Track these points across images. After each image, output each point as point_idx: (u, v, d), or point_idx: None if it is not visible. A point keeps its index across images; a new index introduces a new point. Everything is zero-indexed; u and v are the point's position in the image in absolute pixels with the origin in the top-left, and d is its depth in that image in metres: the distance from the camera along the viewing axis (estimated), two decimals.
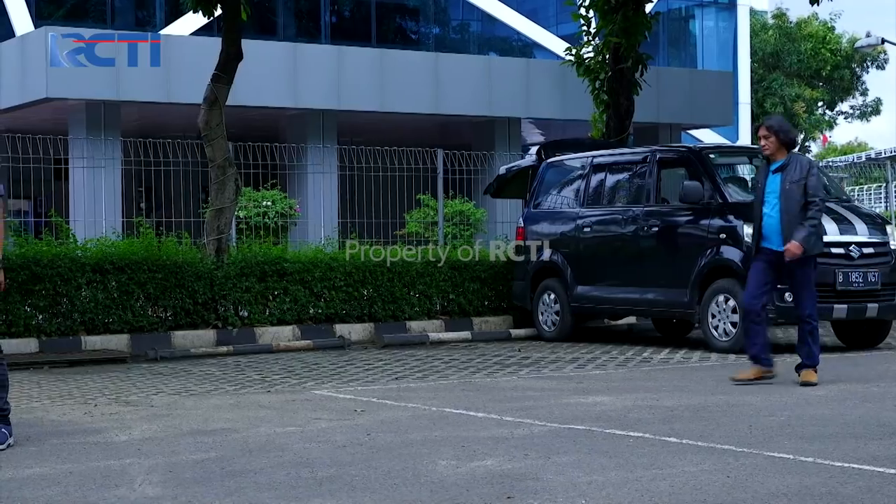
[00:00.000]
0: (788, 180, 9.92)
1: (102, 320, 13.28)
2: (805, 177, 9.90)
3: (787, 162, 10.00)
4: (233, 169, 14.65)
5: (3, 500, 5.85)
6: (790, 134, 10.10)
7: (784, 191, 9.92)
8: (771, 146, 10.03)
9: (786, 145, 10.04)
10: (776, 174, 10.04)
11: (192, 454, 7.06)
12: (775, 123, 10.10)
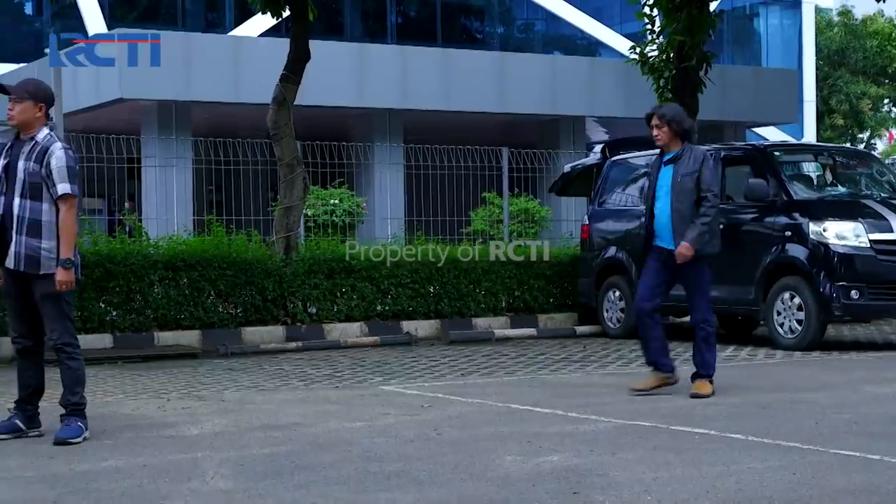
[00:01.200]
0: (680, 173, 9.11)
1: (174, 317, 13.40)
2: (698, 169, 9.07)
3: (680, 153, 9.18)
4: (301, 168, 14.73)
5: (80, 491, 5.92)
6: (684, 124, 9.22)
7: (675, 184, 9.11)
8: (664, 136, 9.20)
9: (679, 135, 9.19)
10: (668, 166, 9.25)
11: (263, 448, 7.11)
12: (668, 112, 9.27)
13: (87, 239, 13.39)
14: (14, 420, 7.63)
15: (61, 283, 7.37)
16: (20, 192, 7.43)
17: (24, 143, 7.53)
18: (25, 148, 7.50)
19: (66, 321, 7.54)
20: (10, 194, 7.47)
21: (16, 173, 7.46)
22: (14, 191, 7.45)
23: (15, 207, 7.43)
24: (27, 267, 7.41)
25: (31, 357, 7.70)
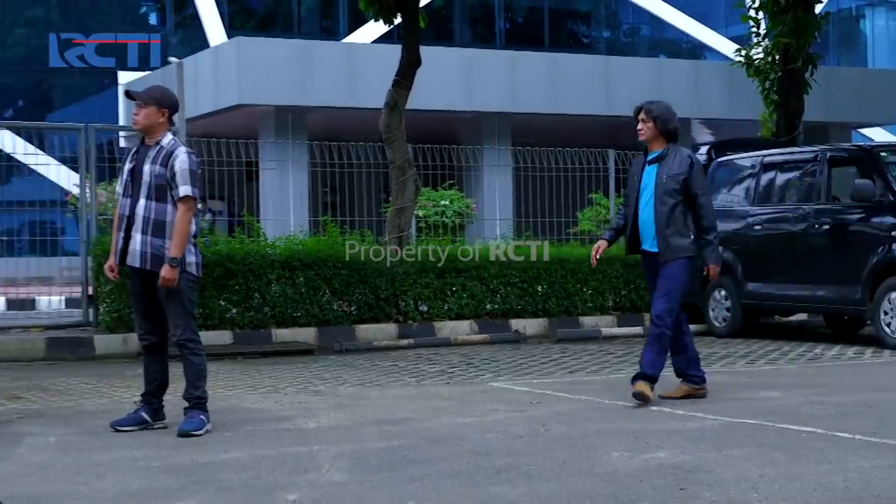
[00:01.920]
0: (665, 173, 8.62)
1: (291, 314, 13.54)
2: (685, 172, 8.57)
3: (664, 153, 8.72)
4: (412, 170, 14.79)
5: (203, 482, 6.02)
6: (669, 124, 8.75)
7: (659, 185, 8.62)
8: (647, 132, 8.74)
9: (664, 135, 8.74)
10: (652, 166, 8.75)
11: (377, 442, 7.15)
12: (656, 108, 8.78)
13: (208, 239, 13.59)
14: (140, 413, 7.78)
15: (164, 279, 7.47)
16: (146, 193, 7.58)
17: (150, 147, 7.68)
18: (151, 152, 7.65)
19: (188, 318, 7.67)
20: (136, 196, 7.62)
21: (141, 176, 7.61)
22: (140, 193, 7.60)
23: (140, 208, 7.58)
24: (152, 265, 7.55)
25: (156, 352, 7.84)
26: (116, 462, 6.58)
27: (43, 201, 18.29)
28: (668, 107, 8.87)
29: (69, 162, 16.44)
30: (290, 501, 5.55)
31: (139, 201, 7.60)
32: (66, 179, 22.44)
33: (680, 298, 8.69)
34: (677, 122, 8.88)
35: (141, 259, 7.57)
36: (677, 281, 8.60)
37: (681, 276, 8.61)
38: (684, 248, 8.61)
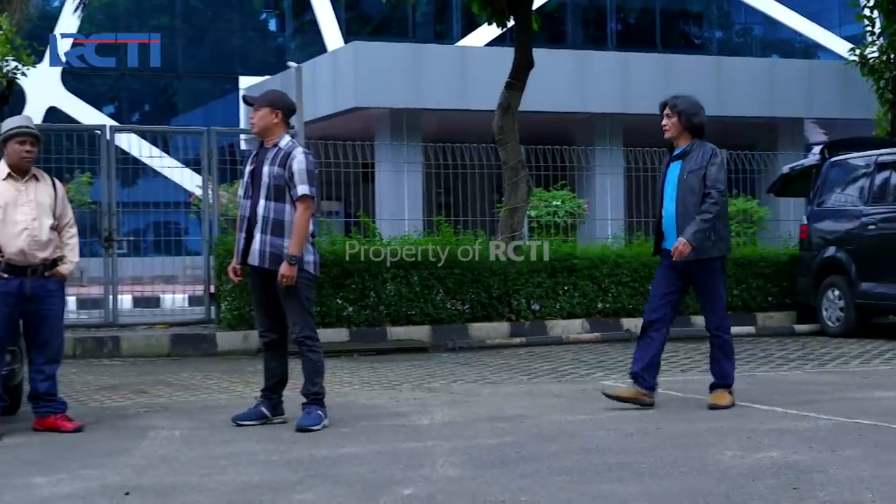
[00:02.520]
0: (687, 169, 8.24)
1: (406, 312, 13.61)
2: (706, 165, 8.20)
3: (689, 149, 8.33)
4: (525, 171, 14.77)
5: (320, 476, 6.07)
6: (695, 119, 8.33)
7: (681, 182, 8.25)
8: (672, 128, 8.38)
9: (690, 130, 8.34)
10: (676, 162, 8.39)
11: (489, 439, 7.16)
12: (681, 103, 8.38)
13: (326, 239, 13.72)
14: (260, 408, 7.88)
15: (283, 276, 7.55)
16: (265, 194, 7.68)
17: (269, 149, 7.78)
18: (269, 154, 7.75)
19: (307, 316, 7.75)
20: (256, 197, 7.72)
21: (261, 177, 7.71)
22: (259, 194, 7.70)
23: (260, 209, 7.68)
24: (271, 264, 7.65)
25: (275, 349, 7.93)
26: (237, 455, 6.68)
27: (167, 202, 18.64)
28: (695, 101, 8.46)
29: (192, 164, 16.72)
30: (406, 496, 5.57)
31: (259, 202, 7.70)
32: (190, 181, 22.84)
33: (725, 302, 8.46)
34: (704, 116, 8.44)
35: (260, 258, 7.67)
36: (716, 290, 8.38)
37: (715, 283, 8.36)
38: (707, 249, 8.22)
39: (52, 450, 6.99)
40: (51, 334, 7.77)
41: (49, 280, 7.70)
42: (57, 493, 5.74)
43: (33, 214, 7.64)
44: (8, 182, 7.65)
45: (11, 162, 7.69)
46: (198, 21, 36.23)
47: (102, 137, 13.89)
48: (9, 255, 7.53)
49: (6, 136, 7.69)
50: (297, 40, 37.14)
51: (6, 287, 7.50)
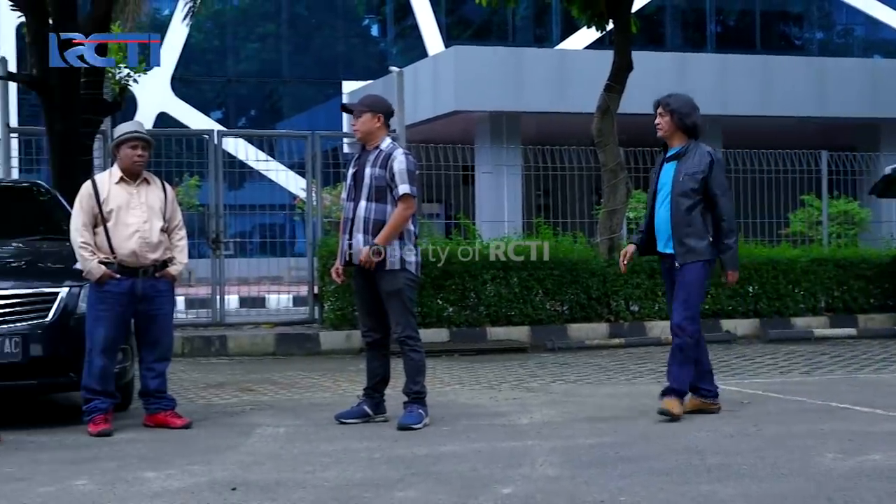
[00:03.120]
0: (683, 172, 7.87)
1: (505, 313, 13.60)
2: (705, 170, 7.82)
3: (684, 150, 7.96)
4: (624, 173, 14.68)
5: (421, 473, 6.09)
6: (688, 119, 7.99)
7: (676, 184, 7.87)
8: (665, 127, 8.02)
9: (684, 130, 8.00)
10: (670, 163, 8.03)
11: (588, 439, 7.13)
12: (674, 102, 8.03)
13: (426, 240, 13.76)
14: (363, 406, 7.93)
15: (362, 261, 7.61)
16: (367, 196, 7.73)
17: (370, 152, 7.83)
18: (371, 156, 7.81)
19: (409, 316, 7.78)
20: (358, 199, 7.78)
21: (363, 179, 7.76)
22: (361, 195, 7.76)
23: (361, 210, 7.73)
24: (376, 264, 7.69)
25: (378, 349, 7.98)
26: (340, 453, 6.73)
27: (272, 205, 18.84)
28: (689, 101, 8.12)
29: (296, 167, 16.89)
30: (505, 495, 5.57)
31: (360, 203, 7.76)
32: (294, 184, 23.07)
33: (699, 304, 8.02)
34: (698, 117, 8.09)
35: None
36: (695, 286, 7.93)
37: (698, 281, 7.93)
38: (701, 252, 7.89)
39: (161, 445, 7.11)
40: (161, 333, 7.90)
41: (159, 281, 7.83)
42: (167, 487, 5.84)
43: (144, 217, 7.77)
44: (120, 186, 7.80)
45: (124, 166, 7.83)
46: (302, 27, 36.57)
47: (210, 142, 14.10)
48: (121, 256, 7.67)
49: (119, 141, 7.84)
50: (398, 45, 37.32)
51: (119, 287, 7.64)
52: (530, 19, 37.45)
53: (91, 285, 7.67)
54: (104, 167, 13.47)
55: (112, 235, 7.69)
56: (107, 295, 7.62)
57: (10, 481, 6.03)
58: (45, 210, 9.76)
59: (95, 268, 7.59)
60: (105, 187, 7.77)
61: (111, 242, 7.68)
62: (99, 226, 7.71)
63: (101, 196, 7.73)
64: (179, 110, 33.86)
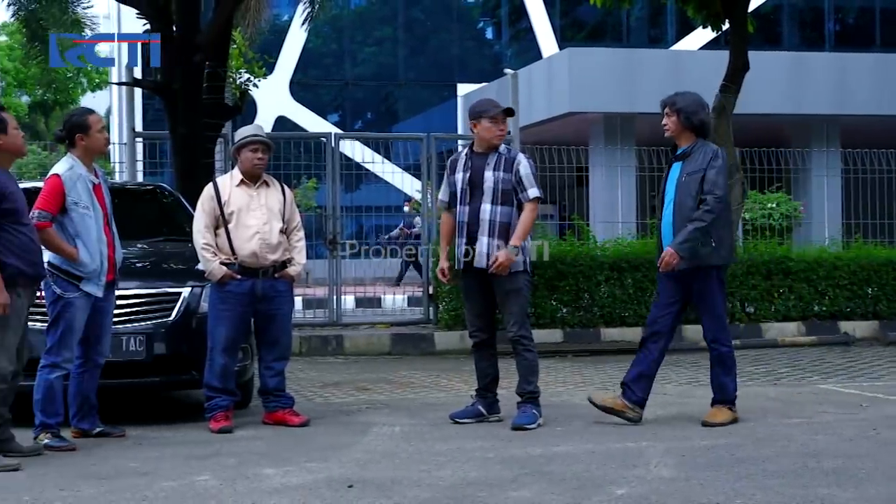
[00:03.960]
0: (687, 171, 7.61)
1: (619, 314, 13.51)
2: (705, 168, 7.54)
3: (690, 150, 7.68)
4: (739, 173, 14.46)
5: (535, 473, 6.09)
6: (695, 117, 7.66)
7: (680, 184, 7.63)
8: (672, 127, 7.74)
9: (691, 129, 7.68)
10: (678, 163, 7.75)
11: (703, 440, 7.05)
12: (680, 101, 7.73)
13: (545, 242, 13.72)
14: (477, 406, 7.95)
15: (500, 264, 7.62)
16: (490, 199, 7.74)
17: (487, 155, 7.84)
18: (490, 160, 7.81)
19: (524, 316, 7.80)
20: (477, 202, 7.79)
21: (482, 183, 7.77)
22: (481, 199, 7.76)
23: (485, 213, 7.74)
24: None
25: (486, 349, 7.99)
26: (454, 452, 6.75)
27: (388, 206, 18.99)
28: (696, 99, 7.81)
29: (412, 169, 16.98)
30: (619, 495, 5.54)
31: (482, 206, 7.76)
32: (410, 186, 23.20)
33: (724, 312, 7.77)
34: (705, 115, 7.81)
35: (488, 260, 7.73)
36: (714, 296, 7.68)
37: (714, 289, 7.68)
38: (705, 257, 7.60)
39: (280, 442, 7.21)
40: (280, 333, 8.01)
41: (278, 281, 7.93)
42: (286, 483, 5.91)
43: (264, 219, 7.88)
44: (241, 188, 7.92)
45: (245, 169, 7.95)
46: (418, 31, 36.75)
47: (328, 145, 14.25)
48: (242, 257, 7.79)
49: (240, 145, 7.96)
50: (513, 48, 37.29)
51: (239, 288, 7.76)
52: (645, 20, 37.13)
53: (212, 286, 7.81)
54: (225, 170, 13.70)
55: (233, 237, 7.81)
56: (228, 295, 7.74)
57: (135, 475, 6.17)
58: (168, 212, 9.97)
59: (217, 269, 7.72)
60: (226, 190, 7.90)
61: (232, 244, 7.81)
62: (220, 227, 7.84)
63: (222, 198, 7.86)
64: (297, 114, 34.27)
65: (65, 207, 7.11)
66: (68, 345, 7.11)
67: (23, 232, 6.60)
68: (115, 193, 7.96)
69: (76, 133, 7.31)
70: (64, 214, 7.12)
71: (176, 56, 12.28)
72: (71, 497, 5.67)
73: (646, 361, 7.87)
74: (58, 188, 7.11)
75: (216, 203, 7.86)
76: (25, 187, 7.33)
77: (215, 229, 7.85)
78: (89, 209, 7.20)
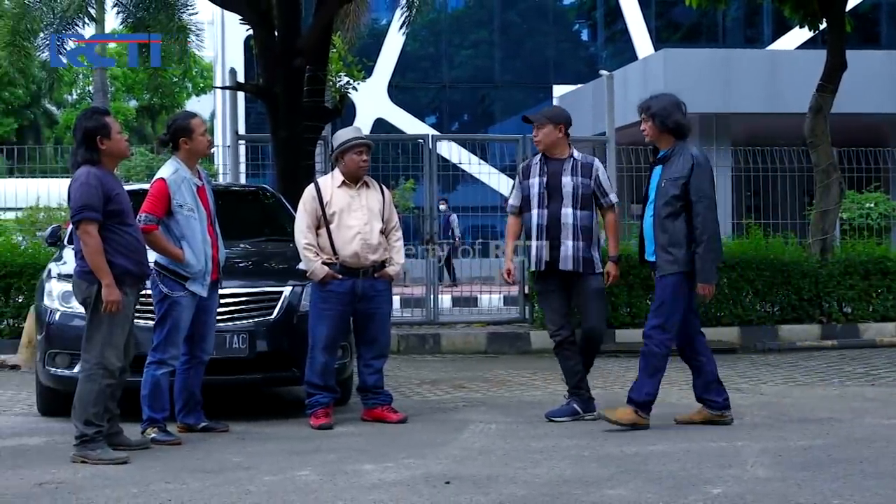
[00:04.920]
0: (666, 176, 7.40)
1: (715, 314, 13.36)
2: (686, 175, 7.33)
3: (669, 153, 7.48)
4: (837, 173, 14.25)
5: (631, 472, 6.05)
6: (669, 120, 7.46)
7: (659, 188, 7.42)
8: (650, 131, 7.55)
9: (669, 132, 7.48)
10: (658, 166, 7.56)
11: (799, 441, 6.95)
12: (654, 105, 7.53)
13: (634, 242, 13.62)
14: (572, 405, 7.93)
15: (614, 276, 7.98)
16: (570, 203, 7.84)
17: (563, 161, 7.97)
18: (566, 165, 7.94)
19: (605, 311, 8.05)
20: (557, 206, 7.86)
21: (560, 188, 7.88)
22: (561, 203, 7.86)
23: (567, 217, 7.83)
24: (585, 268, 7.74)
25: (568, 347, 8.01)
26: (550, 450, 6.74)
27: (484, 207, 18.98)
28: (671, 101, 7.59)
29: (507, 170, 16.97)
30: (715, 495, 5.48)
31: (563, 210, 7.84)
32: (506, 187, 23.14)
33: (674, 315, 7.47)
34: (680, 116, 7.56)
35: (574, 262, 7.79)
36: (667, 296, 7.42)
37: (671, 291, 7.41)
38: (679, 262, 7.39)
39: (378, 439, 7.25)
40: (379, 331, 8.06)
41: (378, 281, 7.99)
42: (384, 479, 5.95)
43: (365, 219, 7.94)
44: (342, 189, 7.98)
45: (348, 170, 8.00)
46: (514, 33, 36.71)
47: (425, 146, 14.30)
48: (343, 257, 7.85)
49: (346, 147, 8.00)
50: (608, 49, 37.10)
51: (340, 287, 7.82)
52: (741, 20, 36.69)
53: (314, 285, 7.88)
54: (325, 172, 13.82)
55: (335, 237, 7.87)
56: (329, 294, 7.81)
57: (238, 469, 6.25)
58: (270, 213, 10.09)
59: (319, 268, 7.79)
60: (328, 191, 7.96)
61: (333, 244, 7.87)
62: (322, 228, 7.91)
63: (324, 199, 7.93)
64: (395, 116, 34.46)
65: (170, 210, 7.24)
66: (175, 342, 7.24)
67: (128, 232, 6.73)
68: (218, 195, 8.08)
69: (180, 136, 7.43)
70: (169, 217, 7.25)
71: (277, 60, 12.42)
72: (176, 490, 5.76)
73: (697, 369, 7.76)
74: (163, 191, 7.23)
75: (318, 203, 7.92)
76: (131, 189, 7.48)
77: (316, 229, 7.92)
78: (194, 211, 7.31)
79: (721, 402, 7.69)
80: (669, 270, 7.41)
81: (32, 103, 50.21)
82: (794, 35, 31.84)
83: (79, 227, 6.59)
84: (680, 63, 23.88)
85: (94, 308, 6.61)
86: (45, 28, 15.19)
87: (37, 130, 50.40)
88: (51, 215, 18.31)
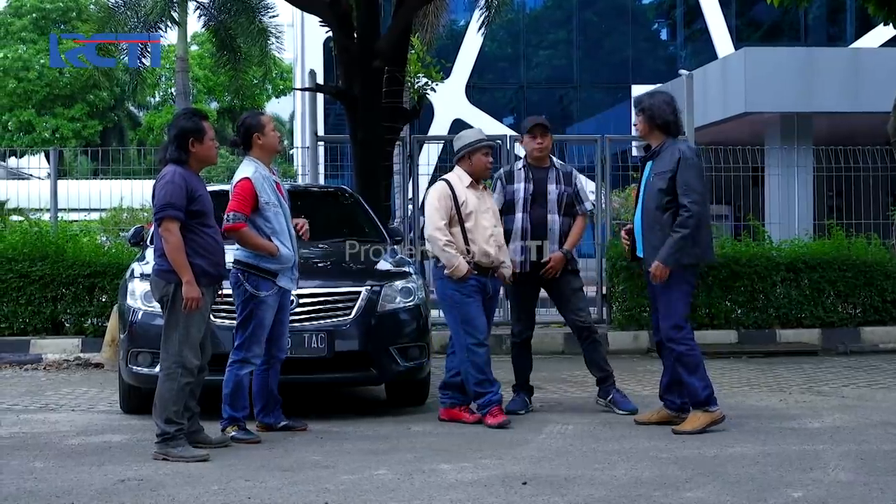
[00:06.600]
0: (655, 172, 7.40)
1: (795, 315, 13.19)
2: (674, 169, 7.29)
3: (659, 149, 7.46)
4: None
5: (709, 474, 6.00)
6: (659, 118, 7.45)
7: (648, 184, 7.44)
8: (640, 127, 7.57)
9: (660, 128, 7.47)
10: (649, 162, 7.55)
11: (882, 444, 6.84)
12: (646, 100, 7.56)
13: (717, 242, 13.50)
14: (522, 396, 8.52)
15: (552, 265, 8.35)
16: (556, 209, 8.32)
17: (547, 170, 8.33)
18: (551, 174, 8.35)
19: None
20: (541, 210, 8.32)
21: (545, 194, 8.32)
22: (546, 208, 8.32)
23: (553, 223, 8.33)
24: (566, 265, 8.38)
25: (527, 346, 8.77)
26: (628, 451, 6.70)
27: None
28: (665, 98, 7.59)
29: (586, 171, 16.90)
30: (795, 498, 5.42)
31: (549, 216, 8.30)
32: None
33: (682, 309, 7.43)
34: (670, 114, 7.54)
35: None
36: (673, 294, 7.38)
37: (675, 289, 7.37)
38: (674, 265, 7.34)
39: (455, 439, 7.26)
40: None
41: (496, 281, 8.15)
42: (461, 479, 5.96)
43: (494, 221, 8.06)
44: (470, 189, 8.00)
45: (475, 171, 8.05)
46: (592, 33, 36.59)
47: (503, 147, 14.28)
48: (478, 256, 7.90)
49: (474, 148, 8.04)
50: (687, 48, 36.82)
51: (477, 283, 7.90)
52: (823, 18, 36.23)
53: (448, 283, 7.87)
54: (402, 173, 13.86)
55: (472, 237, 7.90)
56: (471, 289, 7.87)
57: (317, 468, 6.29)
58: (348, 213, 10.13)
59: (464, 265, 7.83)
60: (460, 190, 7.97)
61: (468, 243, 7.89)
62: (455, 227, 7.93)
63: (459, 198, 7.94)
64: (473, 117, 34.48)
65: (257, 208, 7.29)
66: (259, 341, 7.29)
67: (208, 234, 6.80)
68: (298, 195, 8.14)
69: (253, 133, 7.47)
70: (256, 214, 7.30)
71: (356, 62, 12.49)
72: (256, 487, 5.82)
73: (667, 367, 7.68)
74: (250, 190, 7.28)
75: (453, 202, 7.94)
76: (212, 190, 7.56)
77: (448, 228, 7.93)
78: (278, 207, 7.38)
79: (678, 404, 7.61)
80: None
81: (116, 106, 50.98)
82: (877, 32, 31.36)
83: (161, 224, 6.67)
84: (760, 62, 23.61)
85: (171, 307, 6.70)
86: (129, 31, 15.43)
87: (120, 132, 51.17)
88: (134, 216, 18.55)
